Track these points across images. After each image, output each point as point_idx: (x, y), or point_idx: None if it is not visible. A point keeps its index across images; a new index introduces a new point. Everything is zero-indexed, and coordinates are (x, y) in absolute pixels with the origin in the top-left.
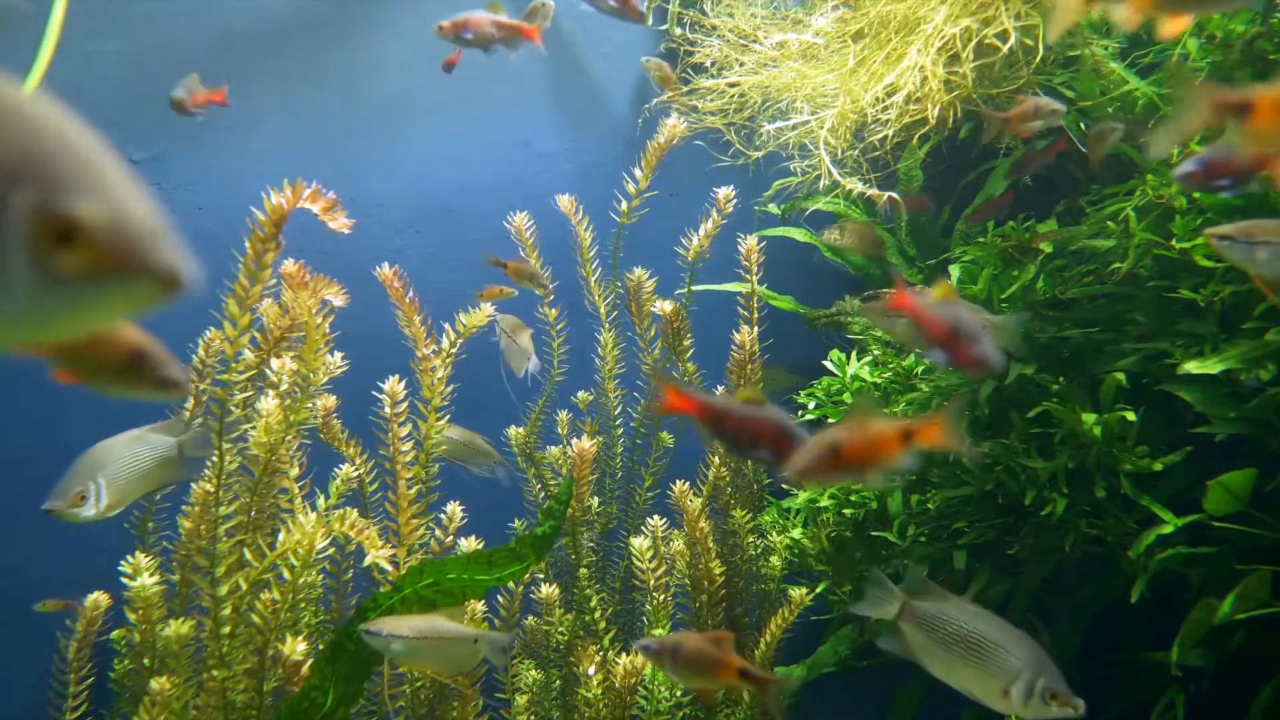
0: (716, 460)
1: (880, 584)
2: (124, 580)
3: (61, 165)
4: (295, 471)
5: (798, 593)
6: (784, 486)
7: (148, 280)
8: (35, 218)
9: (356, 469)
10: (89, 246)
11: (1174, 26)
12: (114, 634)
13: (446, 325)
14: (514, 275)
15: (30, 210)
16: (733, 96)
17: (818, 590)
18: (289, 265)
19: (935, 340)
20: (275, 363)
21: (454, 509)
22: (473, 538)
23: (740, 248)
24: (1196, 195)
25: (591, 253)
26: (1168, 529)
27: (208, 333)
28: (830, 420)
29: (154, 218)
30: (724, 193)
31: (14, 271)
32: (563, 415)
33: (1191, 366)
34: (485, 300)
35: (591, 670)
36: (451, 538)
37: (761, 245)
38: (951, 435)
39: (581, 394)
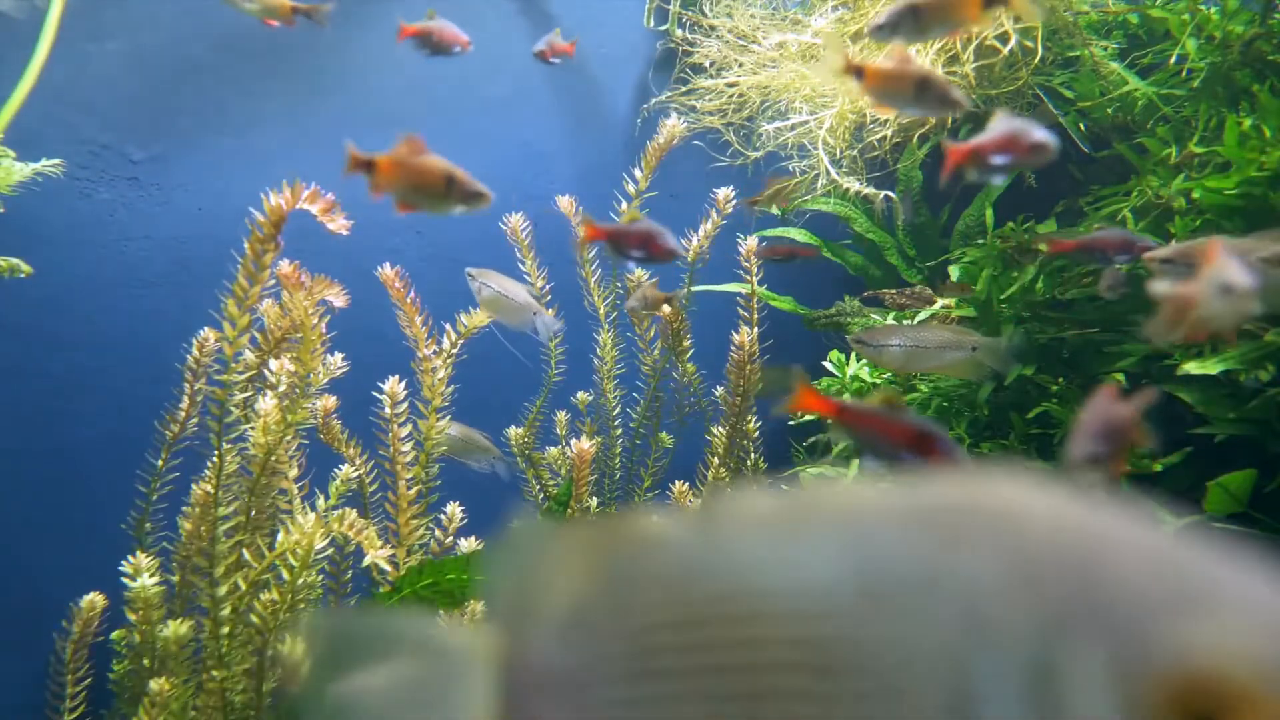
0: (716, 460)
1: None
2: (124, 580)
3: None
4: (294, 472)
5: None
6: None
7: None
8: (1127, 688)
9: (356, 469)
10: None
11: None
12: (114, 634)
13: (447, 325)
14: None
15: (1112, 677)
16: (731, 97)
17: None
18: (285, 266)
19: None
20: (273, 364)
21: (454, 509)
22: (473, 538)
23: (740, 248)
24: (1196, 195)
25: (591, 253)
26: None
27: (202, 332)
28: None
29: None
30: (724, 193)
31: None
32: (561, 416)
33: (1191, 367)
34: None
35: None
36: (451, 538)
37: (761, 246)
38: None
39: (581, 394)
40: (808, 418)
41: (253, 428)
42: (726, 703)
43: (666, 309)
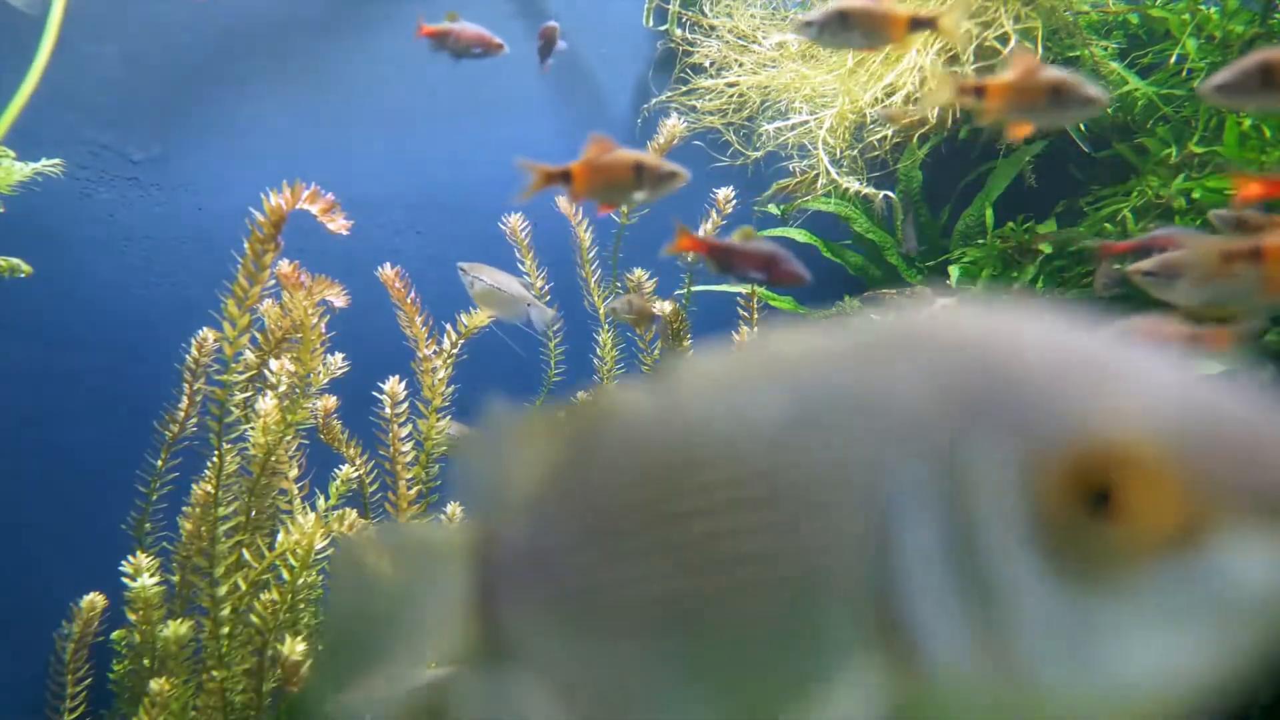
0: None
1: None
2: (124, 580)
3: (1051, 379)
4: (294, 472)
5: None
6: None
7: None
8: (1028, 471)
9: (356, 469)
10: (1148, 498)
11: None
12: (115, 634)
13: (448, 325)
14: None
15: (1015, 462)
16: (731, 97)
17: None
18: (285, 266)
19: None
20: (274, 364)
21: (454, 509)
22: None
23: None
24: (1196, 195)
25: (591, 254)
26: None
27: (202, 332)
28: None
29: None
30: (724, 193)
31: (1013, 587)
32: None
33: None
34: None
35: None
36: None
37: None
38: None
39: (581, 394)
40: None
41: (253, 428)
42: (680, 551)
43: (665, 310)
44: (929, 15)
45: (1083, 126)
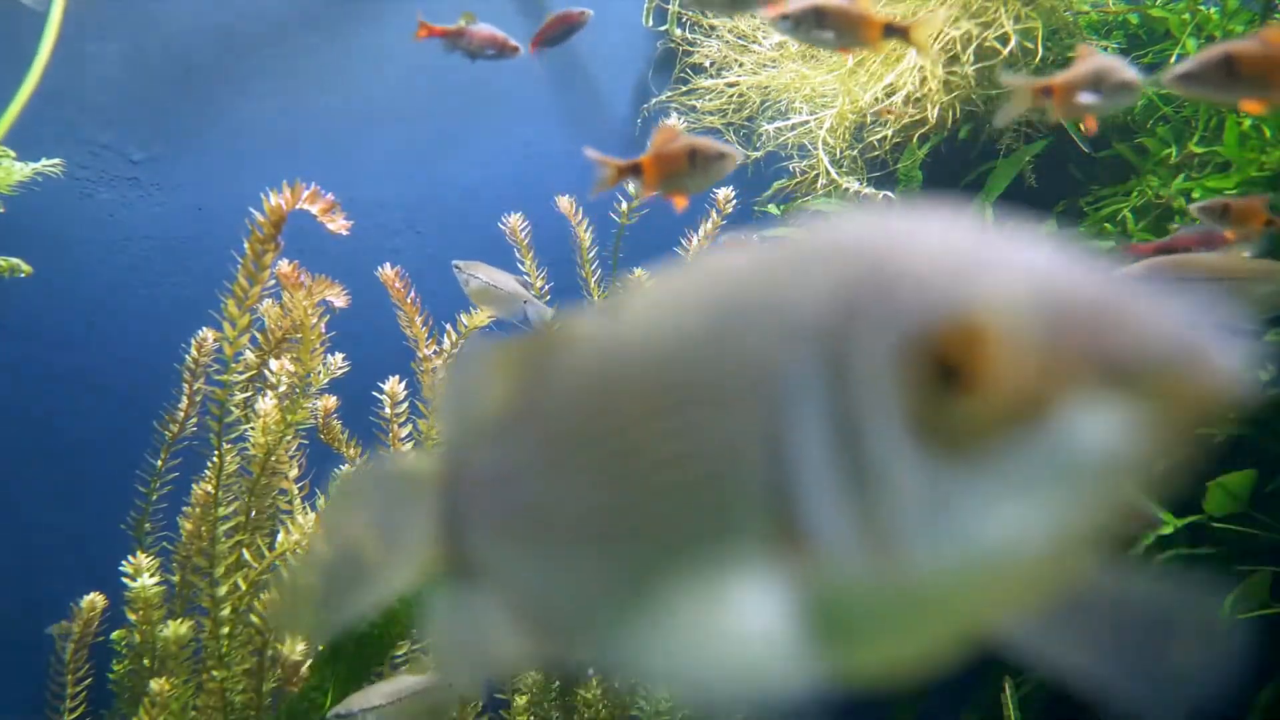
0: None
1: None
2: (124, 580)
3: (919, 270)
4: (294, 472)
5: None
6: None
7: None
8: (899, 358)
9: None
10: (998, 372)
11: None
12: (115, 634)
13: (448, 326)
14: None
15: (888, 351)
16: (731, 97)
17: None
18: (284, 266)
19: None
20: (274, 364)
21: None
22: None
23: None
24: (1196, 195)
25: (591, 254)
26: (1168, 530)
27: (201, 331)
28: None
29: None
30: (724, 193)
31: (896, 473)
32: None
33: None
34: None
35: (591, 670)
36: None
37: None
38: None
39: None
40: None
41: (253, 428)
42: (612, 463)
43: None
44: (903, 24)
45: (1082, 126)
